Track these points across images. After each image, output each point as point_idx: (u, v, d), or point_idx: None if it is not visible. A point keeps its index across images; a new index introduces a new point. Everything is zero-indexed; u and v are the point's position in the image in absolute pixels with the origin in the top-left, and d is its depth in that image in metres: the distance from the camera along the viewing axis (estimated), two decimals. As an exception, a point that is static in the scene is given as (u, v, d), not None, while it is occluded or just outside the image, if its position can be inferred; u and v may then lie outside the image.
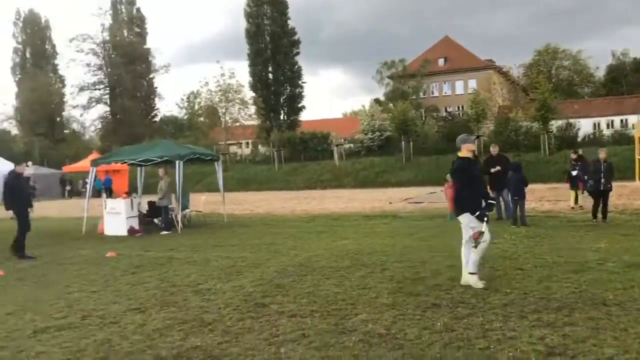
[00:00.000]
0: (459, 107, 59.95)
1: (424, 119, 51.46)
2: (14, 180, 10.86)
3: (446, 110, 60.25)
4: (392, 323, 5.42)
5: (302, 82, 52.59)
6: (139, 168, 17.52)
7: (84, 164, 38.10)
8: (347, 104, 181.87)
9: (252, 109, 50.46)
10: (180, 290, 7.33)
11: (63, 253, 11.24)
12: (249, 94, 50.50)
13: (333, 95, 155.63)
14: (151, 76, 64.22)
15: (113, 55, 60.38)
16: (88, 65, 60.05)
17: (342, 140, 47.45)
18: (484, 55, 68.71)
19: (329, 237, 12.09)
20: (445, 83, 66.99)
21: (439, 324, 5.29)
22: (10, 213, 10.85)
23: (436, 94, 67.14)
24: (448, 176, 12.02)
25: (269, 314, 5.99)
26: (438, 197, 19.63)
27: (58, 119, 64.10)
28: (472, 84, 62.54)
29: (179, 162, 14.44)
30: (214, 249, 10.90)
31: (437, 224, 13.75)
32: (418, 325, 5.29)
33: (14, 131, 66.15)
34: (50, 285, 8.03)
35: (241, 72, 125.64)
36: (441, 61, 67.42)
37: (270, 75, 51.59)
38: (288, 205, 22.30)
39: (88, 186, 16.43)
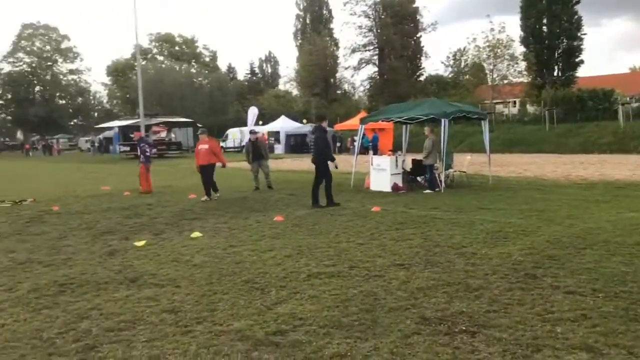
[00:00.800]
0: None
1: None
2: (323, 134, 11.86)
3: None
4: None
5: (582, 34, 47.08)
6: (404, 126, 17.75)
7: (353, 122, 40.57)
8: (635, 57, 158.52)
9: (522, 65, 47.18)
10: (444, 251, 7.12)
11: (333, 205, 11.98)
12: (518, 50, 47.31)
13: (618, 47, 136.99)
14: (418, 35, 64.60)
15: (383, 16, 62.21)
16: (360, 27, 62.97)
17: (629, 99, 41.41)
18: None
19: (612, 207, 10.58)
20: None
21: None
22: (332, 164, 11.77)
23: None
24: None
25: (542, 287, 5.41)
26: None
27: (332, 80, 69.17)
28: None
29: (444, 121, 14.14)
30: (479, 212, 10.42)
31: None
32: None
33: (295, 92, 73.63)
34: (321, 233, 8.58)
35: (511, 27, 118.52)
36: None
37: (545, 28, 47.33)
38: (561, 170, 20.36)
39: (356, 143, 17.25)
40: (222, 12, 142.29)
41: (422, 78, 65.63)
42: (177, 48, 79.72)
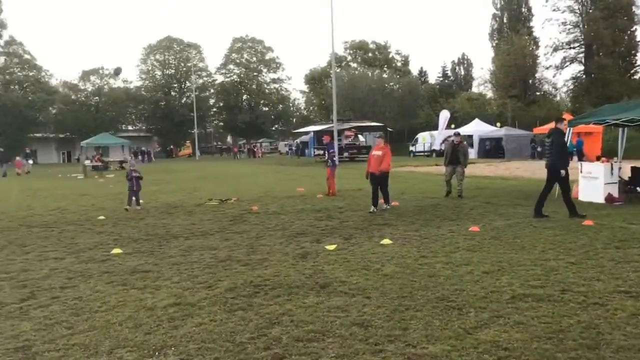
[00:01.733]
0: None
1: None
2: (561, 138, 10.74)
3: None
4: None
5: None
6: (620, 130, 15.61)
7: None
8: None
9: None
10: (683, 279, 5.86)
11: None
12: None
13: None
14: (633, 29, 57.56)
15: (591, 10, 56.62)
16: (563, 23, 58.12)
17: None
18: None
19: None
20: None
21: None
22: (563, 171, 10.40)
23: None
24: None
25: None
26: None
27: (530, 81, 64.84)
28: None
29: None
30: None
31: None
32: None
33: (489, 94, 70.43)
34: (524, 248, 7.70)
35: None
36: None
37: None
38: None
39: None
40: (415, 16, 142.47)
41: (637, 76, 58.35)
42: (370, 54, 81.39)
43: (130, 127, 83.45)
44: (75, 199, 17.50)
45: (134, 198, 14.11)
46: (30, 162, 44.14)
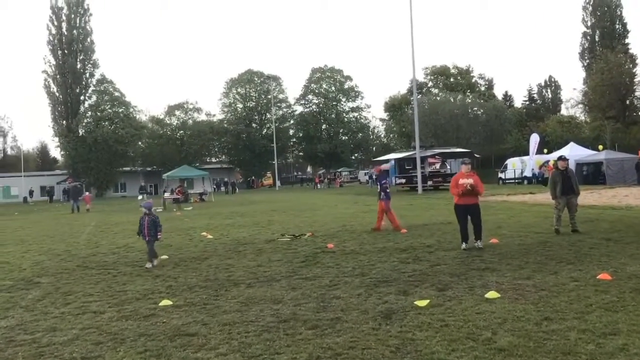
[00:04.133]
0: None
1: None
2: None
3: None
4: None
5: None
6: None
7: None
8: None
9: None
10: None
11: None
12: None
13: None
14: None
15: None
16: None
17: None
18: None
19: None
20: None
21: None
22: None
23: None
24: None
25: None
26: None
27: (628, 100, 60.08)
28: None
29: None
30: None
31: None
32: None
33: (580, 117, 66.00)
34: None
35: None
36: None
37: None
38: None
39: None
40: (498, 39, 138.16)
41: None
42: (452, 79, 78.91)
43: (214, 159, 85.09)
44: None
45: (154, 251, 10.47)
46: (140, 197, 43.94)
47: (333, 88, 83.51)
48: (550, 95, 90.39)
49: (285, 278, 8.43)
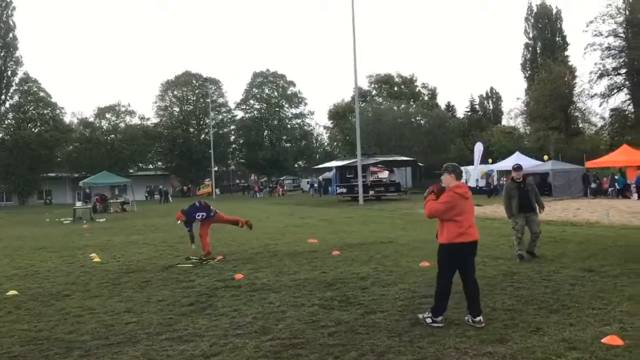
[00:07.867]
0: None
1: None
2: None
3: None
4: None
5: None
6: None
7: (609, 158, 33.26)
8: None
9: None
10: None
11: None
12: None
13: None
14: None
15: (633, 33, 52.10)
16: (607, 48, 53.52)
17: None
18: None
19: None
20: None
21: None
22: None
23: None
24: None
25: None
26: None
27: (570, 111, 60.22)
28: None
29: None
30: None
31: None
32: None
33: (520, 128, 66.02)
34: None
35: None
36: None
37: None
38: None
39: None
40: (440, 50, 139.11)
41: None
42: (395, 88, 77.62)
43: (150, 166, 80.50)
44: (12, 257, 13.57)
45: None
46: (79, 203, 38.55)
47: (276, 93, 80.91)
48: (491, 107, 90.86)
49: (148, 339, 5.68)
